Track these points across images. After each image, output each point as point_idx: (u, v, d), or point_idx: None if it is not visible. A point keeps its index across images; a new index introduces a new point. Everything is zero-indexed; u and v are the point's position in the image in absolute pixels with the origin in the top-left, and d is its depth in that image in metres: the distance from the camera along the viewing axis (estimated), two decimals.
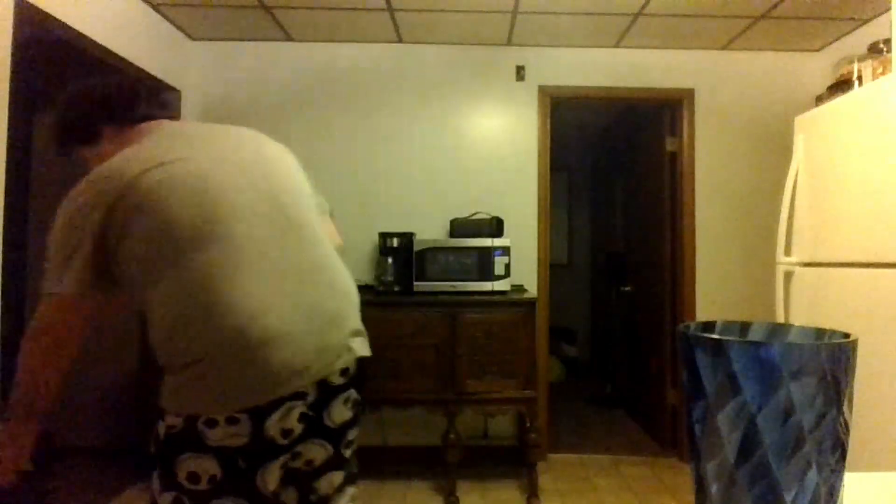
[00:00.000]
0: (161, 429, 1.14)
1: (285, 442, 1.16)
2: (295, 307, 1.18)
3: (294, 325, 1.16)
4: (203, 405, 1.11)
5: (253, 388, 1.11)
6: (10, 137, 2.15)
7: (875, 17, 3.11)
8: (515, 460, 3.43)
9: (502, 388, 2.95)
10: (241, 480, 1.12)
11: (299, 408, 1.16)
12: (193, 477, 1.11)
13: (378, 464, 3.43)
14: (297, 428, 1.17)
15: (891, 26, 2.21)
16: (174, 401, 1.14)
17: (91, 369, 3.15)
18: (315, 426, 1.22)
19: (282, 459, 1.18)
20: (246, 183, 1.23)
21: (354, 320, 1.32)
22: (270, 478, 1.15)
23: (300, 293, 1.20)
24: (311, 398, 1.19)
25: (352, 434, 1.32)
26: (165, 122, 1.32)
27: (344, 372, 1.25)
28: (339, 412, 1.26)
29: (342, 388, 1.26)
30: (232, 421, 1.10)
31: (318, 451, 1.25)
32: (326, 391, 1.23)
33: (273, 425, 1.13)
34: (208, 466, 1.10)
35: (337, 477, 1.30)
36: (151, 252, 1.14)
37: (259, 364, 1.11)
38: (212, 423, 1.10)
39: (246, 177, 1.24)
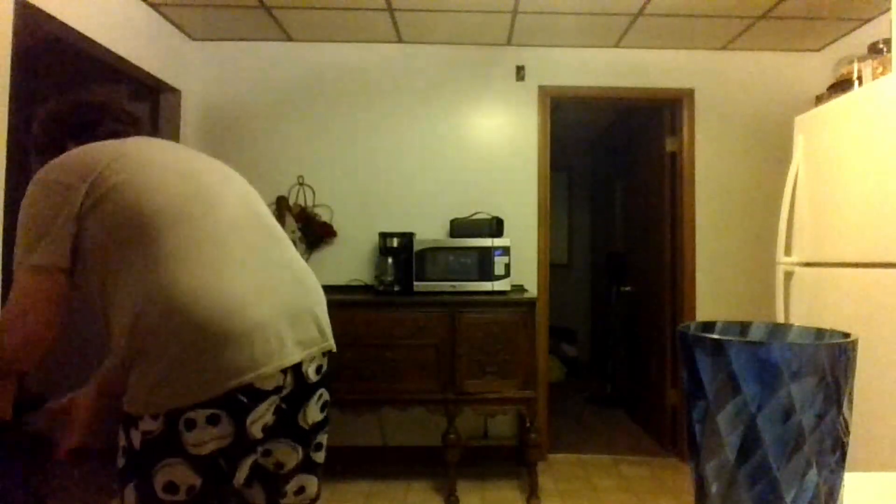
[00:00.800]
0: (134, 437, 1.08)
1: (262, 435, 1.16)
2: (275, 299, 1.19)
3: (274, 316, 1.17)
4: (183, 394, 1.05)
5: (234, 370, 1.08)
6: (10, 137, 2.15)
7: (875, 17, 3.11)
8: (515, 460, 3.44)
9: (502, 388, 2.95)
10: (219, 487, 1.10)
11: (276, 401, 1.17)
12: (171, 487, 1.06)
13: (378, 464, 3.43)
14: (271, 420, 1.17)
15: (891, 26, 2.21)
16: (151, 397, 1.06)
17: (91, 369, 3.15)
18: (288, 424, 1.23)
19: (255, 455, 1.18)
20: (220, 180, 1.29)
21: (325, 316, 1.35)
22: (242, 473, 1.15)
23: (278, 287, 1.22)
24: (286, 390, 1.19)
25: (321, 437, 1.32)
26: (132, 138, 1.32)
27: (318, 369, 1.27)
28: (313, 413, 1.27)
29: (316, 386, 1.27)
30: (213, 421, 1.06)
31: (289, 455, 1.25)
32: (303, 386, 1.23)
33: (256, 422, 1.12)
34: (187, 476, 1.06)
35: (310, 482, 1.31)
36: (121, 235, 1.11)
37: (242, 350, 1.09)
38: (191, 425, 1.05)
39: (218, 176, 1.30)
